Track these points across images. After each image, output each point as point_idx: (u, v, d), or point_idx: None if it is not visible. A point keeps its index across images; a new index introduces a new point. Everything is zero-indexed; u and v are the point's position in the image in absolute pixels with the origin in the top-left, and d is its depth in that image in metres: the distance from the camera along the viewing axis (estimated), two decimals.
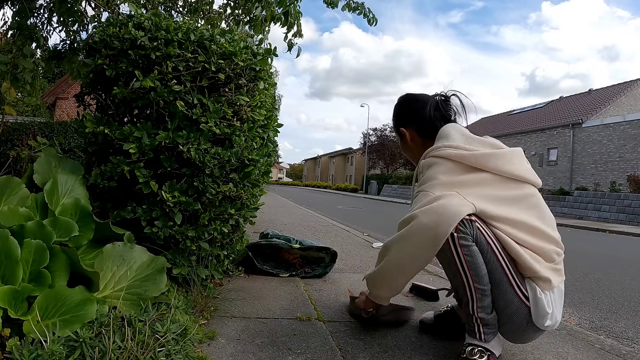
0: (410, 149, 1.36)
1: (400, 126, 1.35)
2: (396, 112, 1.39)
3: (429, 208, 1.02)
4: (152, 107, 1.43)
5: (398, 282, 1.15)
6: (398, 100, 1.41)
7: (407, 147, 1.36)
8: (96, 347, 0.88)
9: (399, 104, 1.39)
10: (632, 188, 11.93)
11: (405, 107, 1.37)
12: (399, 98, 1.41)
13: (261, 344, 1.18)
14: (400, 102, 1.39)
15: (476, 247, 1.02)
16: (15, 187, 1.32)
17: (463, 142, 1.15)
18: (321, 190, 33.81)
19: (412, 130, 1.33)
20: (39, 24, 2.55)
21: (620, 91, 18.32)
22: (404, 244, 1.05)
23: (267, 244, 2.04)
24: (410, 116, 1.34)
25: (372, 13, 2.81)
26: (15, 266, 1.00)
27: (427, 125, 1.29)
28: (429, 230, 1.00)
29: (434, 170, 1.12)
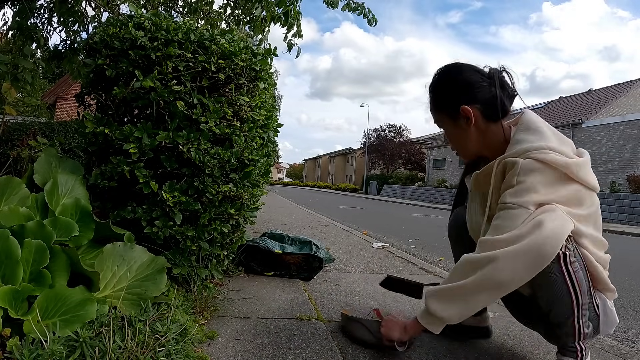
0: (467, 136, 1.07)
1: (462, 103, 1.04)
2: (451, 85, 1.07)
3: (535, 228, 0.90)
4: (152, 107, 1.43)
5: (479, 303, 0.99)
6: (449, 69, 1.09)
7: (463, 132, 1.07)
8: (96, 346, 0.89)
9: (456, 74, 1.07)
10: (631, 188, 11.93)
11: (466, 79, 1.05)
12: (450, 67, 1.10)
13: (261, 343, 1.18)
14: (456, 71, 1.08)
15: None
16: (16, 187, 1.33)
17: (557, 142, 1.00)
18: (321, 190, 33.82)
19: (476, 111, 1.04)
20: (39, 24, 2.56)
21: (620, 91, 18.33)
22: (504, 263, 0.91)
23: (252, 245, 2.04)
24: (475, 91, 1.04)
25: (372, 13, 2.82)
26: (15, 266, 1.00)
27: (496, 106, 1.03)
28: (537, 252, 0.89)
29: (535, 178, 0.95)
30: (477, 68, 1.08)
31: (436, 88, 1.10)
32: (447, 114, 1.08)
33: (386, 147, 31.82)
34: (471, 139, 1.07)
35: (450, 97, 1.07)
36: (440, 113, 1.10)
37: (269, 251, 2.02)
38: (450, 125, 1.09)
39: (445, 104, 1.08)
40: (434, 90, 1.11)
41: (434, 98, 1.11)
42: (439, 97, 1.10)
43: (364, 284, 1.99)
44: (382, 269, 2.44)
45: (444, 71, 1.10)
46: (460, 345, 1.27)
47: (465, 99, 1.04)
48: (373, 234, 4.60)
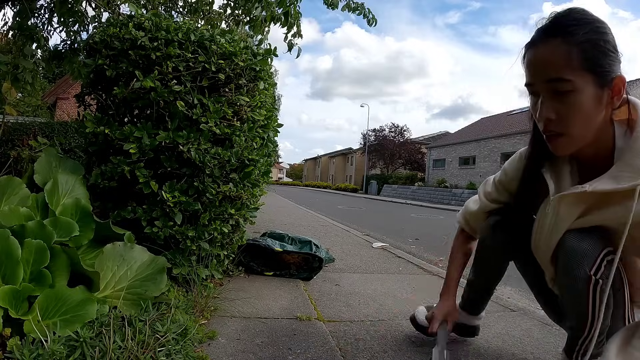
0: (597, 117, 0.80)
1: (617, 71, 0.78)
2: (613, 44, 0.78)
3: None
4: (153, 107, 1.43)
5: None
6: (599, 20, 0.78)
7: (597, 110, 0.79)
8: (96, 346, 0.89)
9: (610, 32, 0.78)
10: None
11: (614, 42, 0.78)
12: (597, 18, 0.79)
13: (261, 343, 1.18)
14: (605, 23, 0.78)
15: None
16: (16, 187, 1.33)
17: None
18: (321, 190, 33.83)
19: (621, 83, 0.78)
20: (40, 24, 2.56)
21: None
22: None
23: (253, 244, 2.04)
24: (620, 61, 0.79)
25: (372, 13, 2.81)
26: (15, 266, 1.00)
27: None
28: None
29: None
30: None
31: (590, 34, 0.76)
32: (595, 78, 0.77)
33: (386, 147, 31.82)
34: (597, 123, 0.80)
35: (613, 56, 0.78)
36: (584, 73, 0.76)
37: (269, 249, 2.02)
38: (591, 95, 0.77)
39: (604, 63, 0.77)
40: (587, 37, 0.76)
41: (585, 48, 0.76)
42: (599, 50, 0.76)
43: (364, 284, 2.00)
44: (382, 269, 2.44)
45: (597, 19, 0.78)
46: (459, 345, 1.27)
47: (620, 69, 0.79)
48: (373, 234, 4.60)
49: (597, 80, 0.77)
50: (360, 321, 1.41)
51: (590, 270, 0.85)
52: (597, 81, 0.77)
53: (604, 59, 0.77)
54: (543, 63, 0.79)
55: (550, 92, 0.79)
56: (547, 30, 0.79)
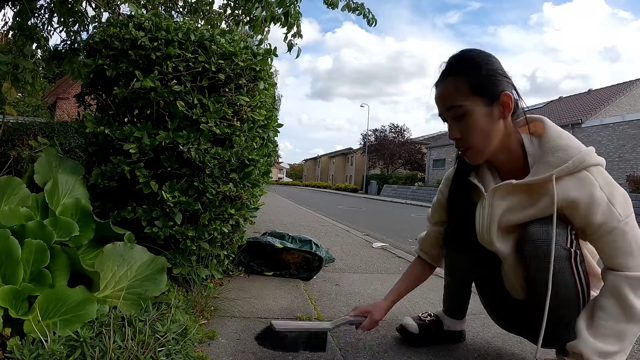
0: (494, 129, 0.94)
1: (504, 89, 0.92)
2: (496, 67, 0.94)
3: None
4: (153, 107, 1.43)
5: None
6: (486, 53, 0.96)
7: (492, 125, 0.93)
8: (97, 346, 0.89)
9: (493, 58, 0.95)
10: (631, 188, 11.94)
11: (499, 64, 0.95)
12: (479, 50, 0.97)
13: None
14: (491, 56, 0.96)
15: None
16: (16, 187, 1.33)
17: None
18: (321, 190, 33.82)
19: (513, 102, 0.93)
20: (40, 24, 2.56)
21: (620, 91, 18.33)
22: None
23: (253, 242, 2.04)
24: (508, 80, 0.94)
25: (372, 14, 2.81)
26: (16, 266, 1.00)
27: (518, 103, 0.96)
28: None
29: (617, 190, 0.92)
30: None
31: (474, 66, 0.93)
32: (483, 100, 0.92)
33: (386, 147, 31.82)
34: (497, 135, 0.95)
35: (494, 79, 0.92)
36: (473, 97, 0.92)
37: (269, 245, 2.02)
38: (481, 113, 0.92)
39: (486, 86, 0.92)
40: (471, 69, 0.93)
41: (471, 77, 0.93)
42: (479, 76, 0.92)
43: (364, 284, 2.00)
44: (382, 268, 2.44)
45: (480, 52, 0.97)
46: (459, 346, 1.27)
47: (506, 86, 0.93)
48: (373, 234, 4.60)
49: (485, 100, 0.93)
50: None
51: (566, 244, 0.91)
52: (485, 101, 0.93)
53: (487, 83, 0.93)
54: (442, 97, 0.97)
55: (452, 118, 0.97)
56: (443, 72, 0.98)
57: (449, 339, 1.29)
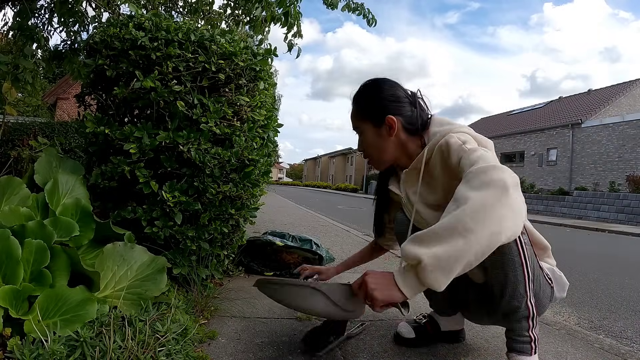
0: (386, 145, 1.12)
1: (388, 113, 1.09)
2: (380, 96, 1.12)
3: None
4: (153, 107, 1.43)
5: None
6: (379, 81, 1.15)
7: (383, 141, 1.11)
8: (97, 346, 0.89)
9: (385, 87, 1.13)
10: (631, 188, 11.94)
11: (394, 93, 1.12)
12: (379, 80, 1.16)
13: (261, 343, 1.18)
14: (385, 84, 1.14)
15: None
16: (16, 187, 1.33)
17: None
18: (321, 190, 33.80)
19: (400, 122, 1.10)
20: (40, 24, 2.56)
21: (620, 91, 18.33)
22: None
23: (254, 240, 2.04)
24: (400, 105, 1.11)
25: (372, 14, 2.82)
26: (16, 266, 1.00)
27: (417, 119, 1.10)
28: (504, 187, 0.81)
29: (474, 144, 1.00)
30: (402, 86, 1.16)
31: (364, 96, 1.16)
32: (371, 122, 1.13)
33: None
34: (389, 148, 1.13)
35: (378, 106, 1.12)
36: (364, 121, 1.14)
37: (270, 243, 2.02)
38: (372, 133, 1.13)
39: (372, 112, 1.13)
40: (362, 98, 1.16)
41: (361, 106, 1.16)
42: (367, 105, 1.15)
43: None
44: (382, 268, 2.43)
45: (374, 82, 1.17)
46: (458, 346, 1.27)
47: (392, 110, 1.11)
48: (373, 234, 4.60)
49: (373, 122, 1.13)
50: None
51: None
52: (373, 123, 1.13)
53: (372, 110, 1.13)
54: (350, 118, 1.20)
55: (357, 134, 1.19)
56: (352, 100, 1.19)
57: (449, 339, 1.29)
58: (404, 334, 1.25)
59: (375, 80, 1.17)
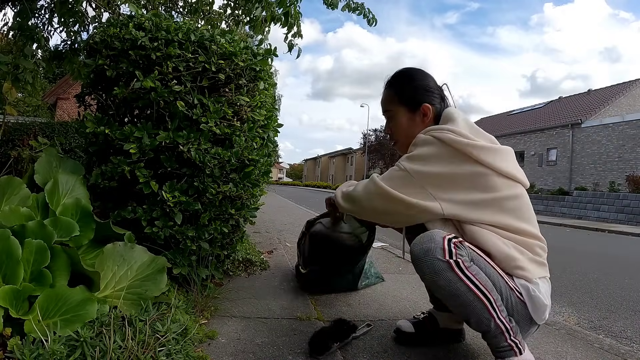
0: (416, 131, 1.18)
1: (424, 101, 1.19)
2: (418, 84, 1.22)
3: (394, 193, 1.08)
4: (153, 107, 1.43)
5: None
6: (417, 71, 1.26)
7: (414, 127, 1.20)
8: (97, 346, 0.89)
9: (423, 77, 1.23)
10: (630, 188, 11.94)
11: (430, 83, 1.23)
12: (417, 70, 1.26)
13: (261, 343, 1.18)
14: (419, 73, 1.24)
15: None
16: (17, 187, 1.33)
17: (467, 130, 1.10)
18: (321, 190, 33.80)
19: (433, 109, 1.19)
20: (40, 24, 2.56)
21: (620, 91, 18.33)
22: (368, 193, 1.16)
23: None
24: (433, 95, 1.21)
25: (372, 13, 2.82)
26: (16, 266, 1.00)
27: (444, 108, 1.20)
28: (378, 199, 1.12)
29: (425, 150, 1.08)
30: (433, 78, 1.25)
31: (402, 82, 1.24)
32: (406, 107, 1.22)
33: (386, 147, 31.82)
34: (416, 132, 1.18)
35: (415, 93, 1.21)
36: (399, 105, 1.22)
37: None
38: (406, 118, 1.22)
39: (409, 98, 1.21)
40: (399, 84, 1.24)
41: (398, 91, 1.24)
42: (404, 90, 1.23)
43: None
44: (382, 268, 2.44)
45: (411, 70, 1.27)
46: (459, 346, 1.27)
47: (426, 99, 1.20)
48: None
49: (408, 108, 1.22)
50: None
51: (444, 257, 0.95)
52: (408, 109, 1.22)
53: (410, 96, 1.21)
54: (381, 102, 1.29)
55: (387, 118, 1.28)
56: (386, 83, 1.28)
57: (448, 337, 1.29)
58: (403, 329, 1.27)
59: (412, 69, 1.27)
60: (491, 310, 0.95)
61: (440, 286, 0.96)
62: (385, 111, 1.27)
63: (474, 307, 0.95)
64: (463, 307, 0.97)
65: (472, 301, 0.95)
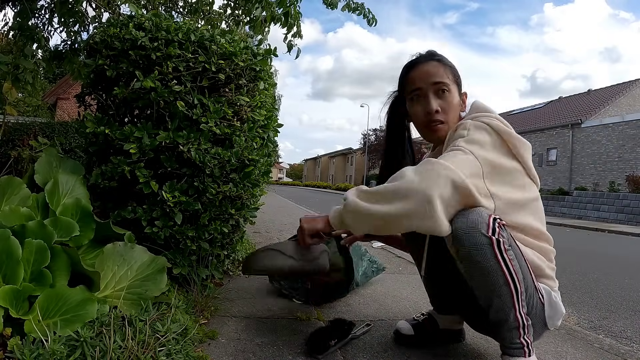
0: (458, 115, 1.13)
1: (461, 90, 1.15)
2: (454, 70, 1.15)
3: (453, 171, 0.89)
4: (153, 107, 1.43)
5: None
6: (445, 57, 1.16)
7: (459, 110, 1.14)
8: (97, 346, 0.89)
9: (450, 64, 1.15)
10: (630, 188, 11.94)
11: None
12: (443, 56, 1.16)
13: (261, 343, 1.18)
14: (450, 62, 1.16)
15: None
16: (17, 187, 1.33)
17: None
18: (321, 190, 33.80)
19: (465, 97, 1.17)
20: (40, 24, 2.56)
21: (619, 91, 18.34)
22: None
23: None
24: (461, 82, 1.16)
25: (372, 13, 2.82)
26: (16, 266, 1.00)
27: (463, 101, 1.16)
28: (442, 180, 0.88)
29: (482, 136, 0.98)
30: None
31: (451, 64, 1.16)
32: (458, 88, 1.14)
33: None
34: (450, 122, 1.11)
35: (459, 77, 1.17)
36: (455, 84, 1.13)
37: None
38: (457, 97, 1.13)
39: (460, 82, 1.16)
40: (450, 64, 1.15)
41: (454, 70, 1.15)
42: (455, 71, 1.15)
43: (364, 284, 1.99)
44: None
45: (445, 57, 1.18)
46: (459, 345, 1.27)
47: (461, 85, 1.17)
48: None
49: (458, 90, 1.14)
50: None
51: (488, 232, 0.89)
52: (458, 91, 1.14)
53: (459, 79, 1.16)
54: (428, 72, 1.11)
55: (434, 91, 1.10)
56: (426, 56, 1.15)
57: (448, 338, 1.28)
58: (403, 331, 1.25)
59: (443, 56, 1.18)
60: (515, 301, 0.91)
61: (475, 261, 0.90)
62: (436, 83, 1.09)
63: (500, 291, 0.91)
64: (490, 288, 0.91)
65: (502, 285, 0.90)
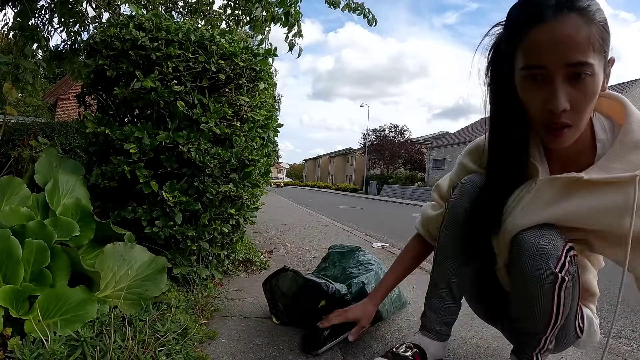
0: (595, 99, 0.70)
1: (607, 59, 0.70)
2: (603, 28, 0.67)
3: None
4: (153, 107, 1.43)
5: None
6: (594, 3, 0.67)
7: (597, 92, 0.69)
8: (97, 346, 0.89)
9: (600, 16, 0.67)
10: None
11: None
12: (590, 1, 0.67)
13: (261, 343, 1.18)
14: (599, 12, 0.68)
15: None
16: (17, 187, 1.33)
17: None
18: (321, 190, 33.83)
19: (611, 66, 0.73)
20: (40, 24, 2.56)
21: (619, 91, 18.17)
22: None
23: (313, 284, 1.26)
24: None
25: (372, 13, 2.82)
26: (16, 266, 1.00)
27: None
28: None
29: None
30: None
31: (604, 18, 0.68)
32: (603, 58, 0.69)
33: (386, 147, 31.87)
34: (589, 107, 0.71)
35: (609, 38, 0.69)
36: (599, 54, 0.67)
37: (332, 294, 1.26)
38: (599, 81, 0.69)
39: (607, 47, 0.69)
40: (603, 21, 0.68)
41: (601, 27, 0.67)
42: (606, 34, 0.68)
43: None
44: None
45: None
46: (459, 345, 1.27)
47: None
48: (373, 234, 4.60)
49: (603, 64, 0.69)
50: None
51: (555, 268, 0.78)
52: (603, 65, 0.69)
53: (608, 41, 0.68)
54: (563, 43, 0.65)
55: (566, 78, 0.67)
56: (561, 3, 0.65)
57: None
58: None
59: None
60: (549, 329, 0.86)
61: (529, 287, 0.81)
62: (575, 64, 0.66)
63: (540, 316, 0.84)
64: (531, 311, 0.85)
65: (544, 313, 0.83)
